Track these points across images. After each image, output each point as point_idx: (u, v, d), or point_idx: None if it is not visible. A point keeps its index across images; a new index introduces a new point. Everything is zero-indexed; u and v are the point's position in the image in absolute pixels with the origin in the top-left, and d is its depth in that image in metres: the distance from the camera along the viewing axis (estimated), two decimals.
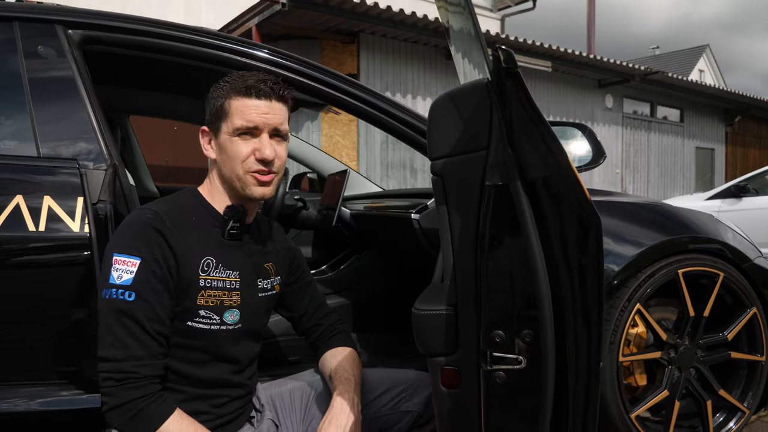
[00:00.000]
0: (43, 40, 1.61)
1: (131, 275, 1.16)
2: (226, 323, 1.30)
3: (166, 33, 1.73)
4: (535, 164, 0.70)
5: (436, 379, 0.87)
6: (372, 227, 2.54)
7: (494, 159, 0.74)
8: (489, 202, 0.75)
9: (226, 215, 1.30)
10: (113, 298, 1.16)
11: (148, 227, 1.20)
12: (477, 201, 0.79)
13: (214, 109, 1.29)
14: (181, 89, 2.85)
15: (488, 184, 0.75)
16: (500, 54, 0.67)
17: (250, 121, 1.25)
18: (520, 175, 0.72)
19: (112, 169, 1.53)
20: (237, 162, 1.26)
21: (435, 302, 0.88)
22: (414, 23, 7.73)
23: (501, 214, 0.76)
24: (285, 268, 1.50)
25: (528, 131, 0.69)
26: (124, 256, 1.18)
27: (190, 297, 1.24)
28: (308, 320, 1.55)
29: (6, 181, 1.45)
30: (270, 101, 1.28)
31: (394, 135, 1.91)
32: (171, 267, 1.21)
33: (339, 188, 2.62)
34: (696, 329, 1.84)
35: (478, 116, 0.78)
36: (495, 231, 0.75)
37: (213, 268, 1.27)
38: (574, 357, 0.71)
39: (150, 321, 1.16)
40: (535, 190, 0.72)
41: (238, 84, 1.27)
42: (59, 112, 1.57)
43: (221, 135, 1.28)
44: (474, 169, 0.79)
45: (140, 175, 3.15)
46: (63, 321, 1.45)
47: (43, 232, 1.41)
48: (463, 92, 0.78)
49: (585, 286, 0.70)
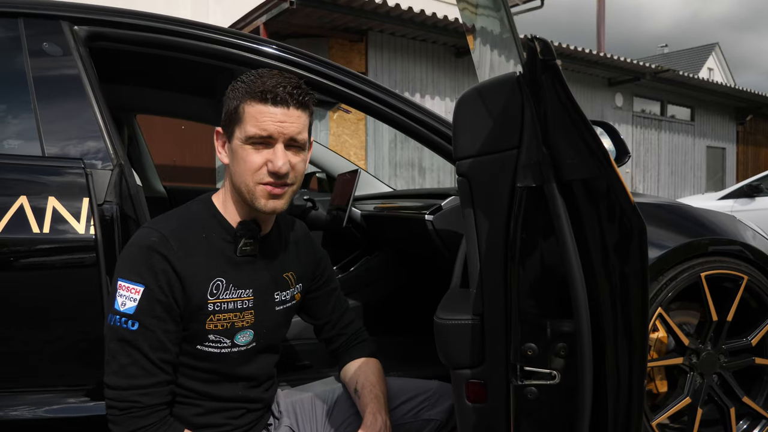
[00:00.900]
0: (48, 36, 1.57)
1: (134, 303, 1.12)
2: (238, 345, 1.24)
3: (174, 29, 1.69)
4: (574, 165, 0.64)
5: (461, 392, 0.81)
6: (383, 228, 2.49)
7: (527, 159, 0.69)
8: (521, 205, 0.69)
9: (238, 232, 1.23)
10: (117, 326, 1.12)
11: (152, 252, 1.14)
12: (507, 204, 0.73)
13: (228, 110, 1.20)
14: (189, 88, 2.81)
15: (520, 185, 0.69)
16: (536, 44, 0.61)
17: (264, 129, 1.15)
18: (555, 177, 0.66)
19: (119, 169, 1.49)
20: (247, 172, 1.17)
21: (459, 311, 0.83)
22: (423, 21, 7.67)
23: (534, 218, 0.70)
24: (307, 275, 1.42)
25: (566, 129, 0.64)
26: (128, 283, 1.13)
27: (199, 321, 1.19)
28: (331, 329, 1.48)
29: (10, 181, 1.41)
30: (287, 108, 1.17)
31: (407, 133, 1.87)
32: (176, 294, 1.15)
33: (350, 188, 2.57)
34: (719, 334, 1.78)
35: (508, 113, 0.72)
36: (527, 236, 0.70)
37: (223, 290, 1.20)
38: (615, 374, 0.65)
39: (154, 350, 1.12)
40: (572, 193, 0.66)
41: (254, 86, 1.16)
42: (64, 110, 1.53)
43: (234, 140, 1.20)
44: (504, 169, 0.73)
45: (148, 175, 3.11)
46: (68, 325, 1.41)
47: (48, 234, 1.37)
48: (492, 87, 0.73)
49: (627, 297, 0.64)
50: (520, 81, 0.70)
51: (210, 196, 1.28)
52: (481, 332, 0.78)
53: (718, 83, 12.89)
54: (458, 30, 7.99)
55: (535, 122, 0.67)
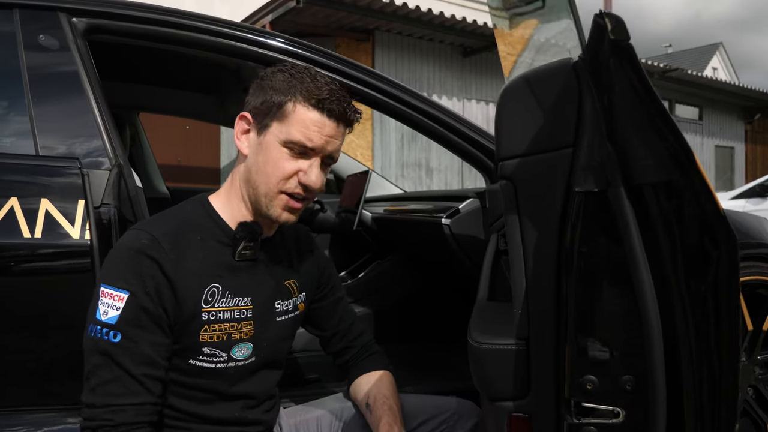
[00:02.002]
0: (44, 29, 1.48)
1: (117, 312, 0.99)
2: (235, 359, 1.12)
3: (177, 22, 1.60)
4: (647, 166, 0.54)
5: (501, 427, 0.71)
6: (396, 232, 2.38)
7: (587, 159, 0.58)
8: (579, 212, 0.59)
9: (237, 234, 1.11)
10: (97, 338, 0.99)
11: (141, 255, 1.02)
12: (560, 211, 0.62)
13: (269, 101, 1.07)
14: (193, 85, 2.73)
15: (578, 190, 0.59)
16: (606, 21, 0.51)
17: (310, 140, 1.05)
18: (623, 180, 0.56)
19: (117, 170, 1.39)
20: (275, 176, 1.07)
21: (498, 333, 0.72)
22: (430, 20, 7.58)
23: (595, 228, 0.59)
24: (311, 283, 1.31)
25: (639, 123, 0.53)
26: (111, 289, 1.01)
27: (192, 333, 1.06)
28: (339, 341, 1.36)
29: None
30: (338, 125, 1.08)
31: (418, 129, 1.78)
32: (166, 301, 1.03)
33: (359, 190, 2.47)
34: (753, 345, 1.69)
35: (562, 105, 0.62)
36: (587, 249, 0.59)
37: (219, 298, 1.08)
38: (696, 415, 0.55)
39: (137, 364, 0.99)
40: (643, 198, 0.56)
41: (310, 88, 1.06)
42: (61, 106, 1.44)
43: (267, 135, 1.08)
44: (556, 171, 0.63)
45: (150, 175, 3.02)
46: (64, 339, 1.30)
47: (40, 239, 1.27)
48: (543, 75, 0.62)
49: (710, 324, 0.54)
50: (577, 67, 0.60)
51: (206, 196, 1.17)
52: (527, 359, 0.68)
53: (725, 82, 12.76)
54: (465, 29, 7.90)
55: (598, 115, 0.57)
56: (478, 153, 1.76)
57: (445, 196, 2.13)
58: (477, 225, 1.80)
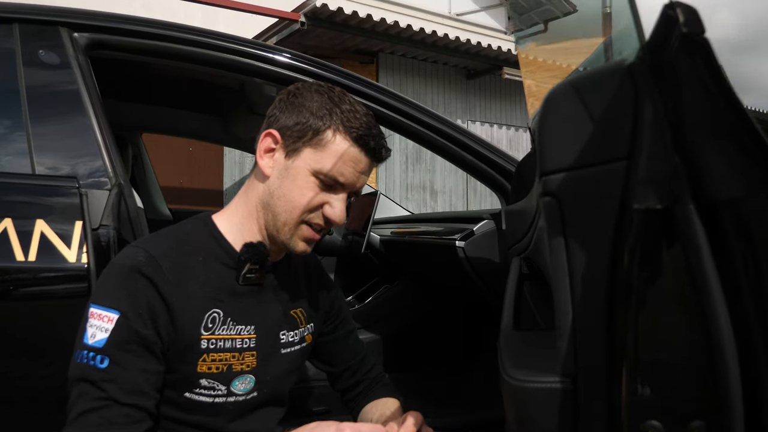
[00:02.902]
0: (45, 44, 1.43)
1: (106, 334, 0.90)
2: (235, 393, 1.02)
3: (181, 37, 1.56)
4: (724, 178, 0.47)
5: None
6: (406, 255, 2.30)
7: (648, 171, 0.51)
8: (638, 233, 0.52)
9: (242, 255, 1.02)
10: (83, 364, 0.90)
11: (136, 273, 0.93)
12: (614, 231, 0.55)
13: (304, 124, 1.00)
14: (196, 106, 2.68)
15: (638, 207, 0.52)
16: (677, 13, 0.44)
17: (343, 175, 0.99)
18: (693, 195, 0.48)
19: (118, 189, 1.32)
20: (300, 206, 1.00)
21: (538, 369, 0.64)
22: (434, 42, 7.58)
23: (658, 251, 0.52)
24: (320, 314, 1.21)
25: (715, 129, 0.46)
26: (100, 309, 0.92)
27: (189, 362, 0.97)
28: (350, 376, 1.27)
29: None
30: (371, 162, 1.03)
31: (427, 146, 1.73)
32: (162, 326, 0.93)
33: (368, 212, 2.40)
34: None
35: (614, 113, 0.55)
36: (649, 275, 0.52)
37: (219, 324, 0.99)
38: None
39: (125, 393, 0.89)
40: (717, 217, 0.48)
41: (350, 119, 0.99)
42: (59, 123, 1.38)
43: (297, 160, 1.00)
44: (608, 186, 0.55)
45: (153, 197, 2.96)
46: (59, 368, 1.22)
47: (34, 262, 1.20)
48: (593, 79, 0.55)
49: None
50: (634, 69, 0.53)
51: (210, 215, 1.08)
52: (574, 399, 0.60)
53: None
54: (469, 51, 7.90)
55: (661, 122, 0.50)
56: (493, 172, 1.70)
57: (457, 218, 2.06)
58: (492, 248, 1.72)
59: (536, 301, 1.24)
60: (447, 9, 9.16)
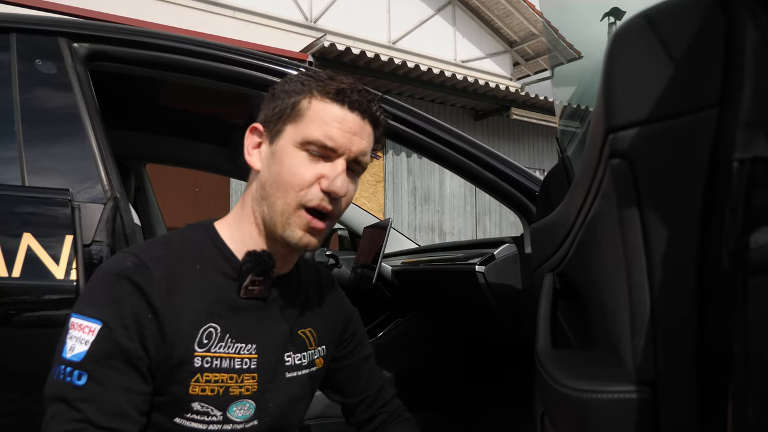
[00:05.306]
0: (42, 54, 1.37)
1: (85, 347, 0.78)
2: (232, 420, 0.89)
3: (187, 48, 1.48)
4: None
5: None
6: (420, 284, 2.17)
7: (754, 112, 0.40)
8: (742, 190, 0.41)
9: (244, 265, 0.90)
10: (59, 380, 0.78)
11: (123, 280, 0.82)
12: (701, 198, 0.44)
13: (280, 106, 0.91)
14: (201, 135, 2.61)
15: (740, 157, 0.41)
16: None
17: (330, 138, 0.87)
18: None
19: (113, 203, 1.22)
20: (292, 186, 0.88)
21: (602, 377, 0.52)
22: (442, 83, 7.61)
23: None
24: (333, 336, 1.08)
25: None
26: (81, 319, 0.81)
27: (180, 383, 0.84)
28: (367, 408, 1.12)
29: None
30: (362, 119, 0.91)
31: (453, 169, 1.62)
32: (149, 339, 0.81)
33: (379, 242, 2.28)
34: None
35: (702, 51, 0.45)
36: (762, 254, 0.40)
37: (216, 341, 0.87)
38: None
39: (104, 416, 0.77)
40: None
41: (326, 83, 0.90)
42: (54, 134, 1.30)
43: (280, 140, 0.90)
44: (696, 141, 0.45)
45: (154, 227, 2.86)
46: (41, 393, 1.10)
47: (17, 279, 1.10)
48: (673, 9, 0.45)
49: None
50: None
51: (212, 222, 0.97)
52: (654, 412, 0.48)
53: None
54: (477, 92, 7.92)
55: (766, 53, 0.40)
56: (516, 192, 1.59)
57: (473, 245, 1.94)
58: (514, 273, 1.60)
59: (570, 321, 1.11)
60: (453, 56, 9.25)
